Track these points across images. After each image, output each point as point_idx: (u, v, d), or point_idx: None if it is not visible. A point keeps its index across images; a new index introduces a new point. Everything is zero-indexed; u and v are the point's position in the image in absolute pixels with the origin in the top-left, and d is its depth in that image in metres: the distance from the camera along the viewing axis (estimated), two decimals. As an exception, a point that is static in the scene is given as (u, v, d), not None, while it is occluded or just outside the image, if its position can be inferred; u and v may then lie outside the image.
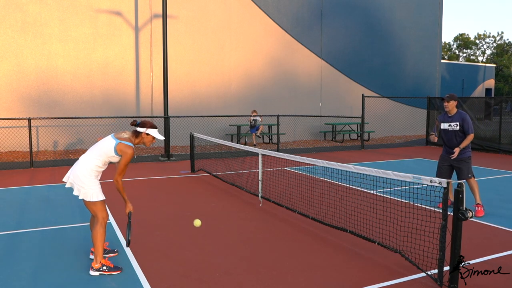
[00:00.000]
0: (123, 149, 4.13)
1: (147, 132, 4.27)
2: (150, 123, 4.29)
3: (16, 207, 6.88)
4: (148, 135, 4.30)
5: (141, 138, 4.29)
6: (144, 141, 4.32)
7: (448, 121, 6.54)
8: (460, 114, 6.48)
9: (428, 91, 22.45)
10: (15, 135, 13.21)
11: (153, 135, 4.31)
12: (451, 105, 6.47)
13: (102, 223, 4.17)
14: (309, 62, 18.52)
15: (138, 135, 4.29)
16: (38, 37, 13.44)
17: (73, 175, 4.18)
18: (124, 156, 4.13)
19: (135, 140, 4.28)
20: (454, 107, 6.51)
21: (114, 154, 4.16)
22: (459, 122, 6.41)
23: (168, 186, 8.61)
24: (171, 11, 15.03)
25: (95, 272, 4.14)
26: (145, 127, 4.27)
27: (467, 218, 3.66)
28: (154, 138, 4.34)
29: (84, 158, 4.19)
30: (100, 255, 4.16)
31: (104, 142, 4.20)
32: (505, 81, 52.94)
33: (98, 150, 4.18)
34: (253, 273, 4.23)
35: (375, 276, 4.15)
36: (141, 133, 4.28)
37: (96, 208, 4.17)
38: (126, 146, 4.15)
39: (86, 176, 4.12)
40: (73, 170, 4.22)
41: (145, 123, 4.28)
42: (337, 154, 14.07)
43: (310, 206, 6.65)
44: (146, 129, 4.27)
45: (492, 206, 6.96)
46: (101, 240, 4.15)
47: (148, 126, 4.28)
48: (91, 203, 4.16)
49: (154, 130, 4.31)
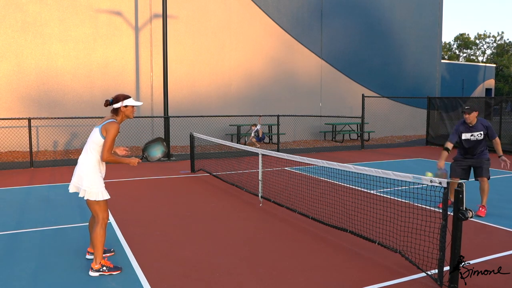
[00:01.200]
0: (106, 127, 4.08)
1: (124, 104, 4.22)
2: (122, 96, 4.23)
3: (16, 207, 6.88)
4: (127, 107, 4.24)
5: (122, 113, 4.23)
6: (126, 114, 4.26)
7: (471, 131, 6.48)
8: (482, 122, 6.47)
9: (428, 91, 22.45)
10: (15, 135, 13.21)
11: (131, 104, 4.25)
12: (472, 116, 6.42)
13: (103, 224, 4.17)
14: (309, 62, 18.52)
15: (117, 111, 4.23)
16: (38, 37, 13.44)
17: (76, 177, 4.17)
18: (109, 132, 4.06)
19: (117, 118, 4.23)
20: (475, 118, 6.47)
21: (102, 138, 4.09)
22: (483, 132, 6.41)
23: (168, 186, 8.61)
24: (171, 11, 15.03)
25: (94, 273, 4.13)
26: (119, 101, 4.21)
27: (467, 218, 3.65)
28: (133, 107, 4.30)
29: (82, 158, 4.18)
30: (100, 256, 4.16)
31: (91, 137, 4.17)
32: (505, 81, 52.93)
33: (89, 145, 4.16)
34: (253, 273, 4.23)
35: (375, 276, 4.15)
36: (119, 108, 4.22)
37: (98, 208, 4.15)
38: (109, 123, 4.10)
39: (88, 175, 4.10)
40: (75, 173, 4.22)
41: (118, 97, 4.22)
42: (337, 154, 14.07)
43: (310, 206, 6.65)
44: (122, 102, 4.21)
45: (492, 206, 6.95)
46: (101, 241, 4.15)
47: (122, 98, 4.21)
48: (94, 203, 4.13)
49: (129, 100, 4.24)
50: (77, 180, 4.16)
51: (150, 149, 4.53)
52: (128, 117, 4.30)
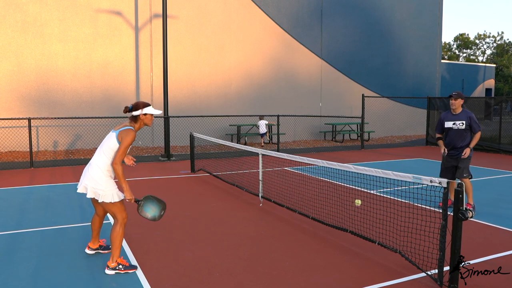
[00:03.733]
0: (123, 134, 4.06)
1: (143, 112, 4.20)
2: (142, 103, 4.21)
3: (16, 207, 6.88)
4: (146, 115, 4.23)
5: (141, 120, 4.22)
6: (145, 122, 4.24)
7: (453, 119, 6.43)
8: (466, 112, 6.40)
9: (428, 91, 22.45)
10: (15, 135, 13.21)
11: (151, 113, 4.24)
12: (458, 103, 6.38)
13: (122, 224, 4.16)
14: (309, 62, 18.52)
15: (136, 119, 4.22)
16: (38, 37, 13.44)
17: (87, 178, 4.13)
18: (124, 139, 4.03)
19: (135, 125, 4.22)
20: (460, 106, 6.43)
21: (118, 144, 4.07)
22: (465, 121, 6.33)
23: (168, 186, 8.61)
24: (171, 11, 15.03)
25: (111, 271, 4.14)
26: (139, 108, 4.18)
27: (467, 218, 3.65)
28: (152, 115, 4.28)
29: (95, 160, 4.15)
30: (117, 255, 4.16)
31: (107, 140, 4.15)
32: (505, 81, 52.93)
33: (105, 149, 4.13)
34: (253, 273, 4.23)
35: (375, 276, 4.15)
36: (138, 116, 4.21)
37: (115, 209, 4.15)
38: (126, 130, 4.08)
39: (102, 178, 4.09)
40: (86, 174, 4.18)
41: (138, 105, 4.19)
42: (337, 154, 14.07)
43: (310, 206, 6.65)
44: (142, 110, 4.19)
45: (492, 206, 6.96)
46: (120, 240, 4.16)
47: (142, 106, 4.19)
48: (110, 205, 4.12)
49: (149, 108, 4.23)
50: (88, 181, 4.12)
51: (148, 204, 4.34)
52: (147, 125, 4.30)
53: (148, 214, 4.30)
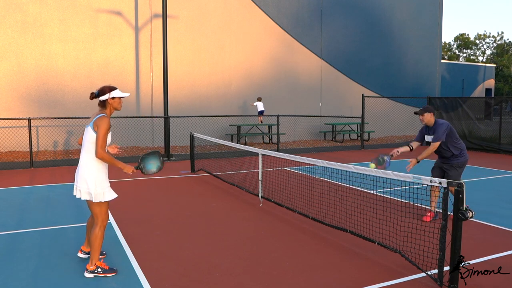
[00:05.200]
0: (97, 122, 3.99)
1: (111, 96, 4.13)
2: (108, 87, 4.15)
3: (16, 207, 6.88)
4: (114, 98, 4.16)
5: (110, 105, 4.16)
6: (114, 105, 4.18)
7: (429, 133, 6.16)
8: (435, 124, 6.05)
9: (428, 91, 22.45)
10: (15, 135, 13.21)
11: (119, 96, 4.17)
12: (426, 118, 6.07)
13: (102, 226, 4.13)
14: (309, 62, 18.52)
15: (104, 104, 4.15)
16: (38, 37, 13.44)
17: (80, 180, 4.07)
18: (100, 127, 3.96)
19: (106, 111, 4.15)
20: (430, 119, 6.08)
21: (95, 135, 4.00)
22: None
23: (168, 186, 8.61)
24: (171, 11, 15.03)
25: (89, 274, 4.10)
26: (105, 93, 4.12)
27: (467, 218, 3.65)
28: (121, 98, 4.22)
29: (82, 160, 4.11)
30: (96, 258, 4.12)
31: (85, 136, 4.09)
32: (505, 81, 52.94)
33: (85, 145, 4.08)
34: (253, 273, 4.23)
35: (375, 276, 4.15)
36: (106, 100, 4.14)
37: (99, 210, 4.11)
38: (99, 118, 4.01)
39: (92, 174, 4.04)
40: (78, 177, 4.12)
41: (103, 89, 4.13)
42: (337, 154, 14.07)
43: (310, 206, 6.65)
44: (109, 94, 4.13)
45: (492, 206, 6.96)
46: (99, 243, 4.12)
47: (108, 90, 4.13)
48: (96, 204, 4.08)
49: (116, 91, 4.16)
50: (80, 184, 4.07)
51: (146, 162, 4.40)
52: (116, 109, 4.21)
53: (153, 169, 4.42)
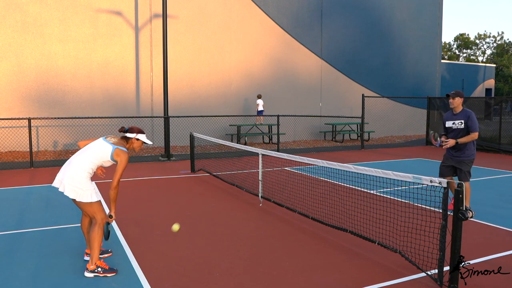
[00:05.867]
0: (120, 155, 4.17)
1: (136, 137, 4.36)
2: (138, 129, 4.39)
3: (16, 207, 6.88)
4: (138, 140, 4.39)
5: (131, 143, 4.38)
6: (134, 146, 4.40)
7: (453, 118, 6.32)
8: (465, 112, 6.25)
9: (428, 91, 22.45)
10: (15, 135, 13.22)
11: (143, 140, 4.40)
12: (456, 101, 6.25)
13: (101, 225, 4.15)
14: (309, 62, 18.52)
15: (127, 140, 4.37)
16: (38, 37, 13.44)
17: (67, 177, 4.12)
18: (121, 162, 4.16)
19: (126, 145, 4.36)
20: (459, 105, 6.29)
21: (110, 159, 4.19)
22: (463, 120, 6.18)
23: (168, 186, 8.61)
24: (171, 11, 15.03)
25: (89, 274, 4.11)
26: (133, 132, 4.35)
27: (467, 218, 3.66)
28: (143, 143, 4.44)
29: (78, 161, 4.14)
30: (96, 257, 4.14)
31: (98, 147, 4.19)
32: (505, 81, 52.95)
33: (93, 153, 4.16)
34: (253, 273, 4.23)
35: (375, 276, 4.15)
36: (130, 138, 4.36)
37: (92, 210, 4.15)
38: (123, 152, 4.20)
39: (82, 178, 4.11)
40: (65, 172, 4.16)
41: (133, 129, 4.36)
42: (337, 154, 14.07)
43: (310, 206, 6.65)
44: (136, 135, 4.35)
45: (492, 206, 6.96)
46: (98, 242, 4.14)
47: (137, 131, 4.36)
48: (87, 205, 4.13)
49: (143, 136, 4.41)
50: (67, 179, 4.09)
51: None
52: (134, 150, 4.44)
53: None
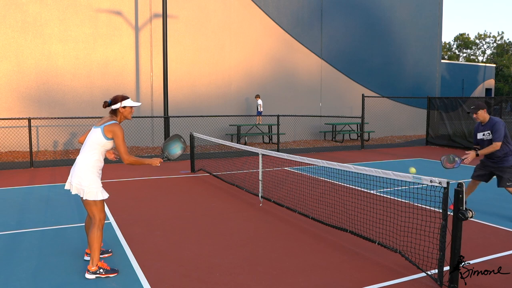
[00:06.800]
0: (111, 129, 4.09)
1: (122, 105, 4.23)
2: (121, 96, 4.25)
3: (16, 207, 6.88)
4: (125, 107, 4.26)
5: (120, 114, 4.26)
6: (125, 114, 4.27)
7: (482, 130, 6.17)
8: (491, 121, 6.06)
9: (428, 91, 22.45)
10: (15, 135, 13.22)
11: (130, 105, 4.26)
12: (480, 115, 6.09)
13: (100, 225, 4.13)
14: (309, 62, 18.52)
15: (116, 112, 4.25)
16: (38, 37, 13.44)
17: (75, 176, 4.10)
18: (116, 136, 4.09)
19: (117, 118, 4.25)
20: (484, 116, 6.09)
21: (105, 139, 4.10)
22: (490, 130, 6.03)
23: (168, 186, 8.61)
24: (171, 11, 15.03)
25: (91, 275, 4.08)
26: (117, 102, 4.22)
27: (467, 218, 3.65)
28: (132, 108, 4.31)
29: (81, 158, 4.13)
30: (97, 258, 4.11)
31: (91, 136, 4.15)
32: (505, 81, 52.95)
33: (89, 145, 4.12)
34: (253, 273, 4.23)
35: (375, 276, 4.15)
36: (117, 109, 4.24)
37: (95, 209, 4.12)
38: (112, 125, 4.11)
39: (88, 174, 4.07)
40: (72, 174, 4.16)
41: (116, 98, 4.23)
42: (337, 154, 14.07)
43: (310, 206, 6.65)
44: (121, 103, 4.22)
45: (492, 206, 6.96)
46: (98, 242, 4.11)
47: (120, 99, 4.23)
48: (92, 203, 4.10)
49: (128, 101, 4.26)
50: (76, 180, 4.09)
51: (169, 147, 4.57)
52: (127, 118, 4.32)
53: (178, 151, 4.60)
